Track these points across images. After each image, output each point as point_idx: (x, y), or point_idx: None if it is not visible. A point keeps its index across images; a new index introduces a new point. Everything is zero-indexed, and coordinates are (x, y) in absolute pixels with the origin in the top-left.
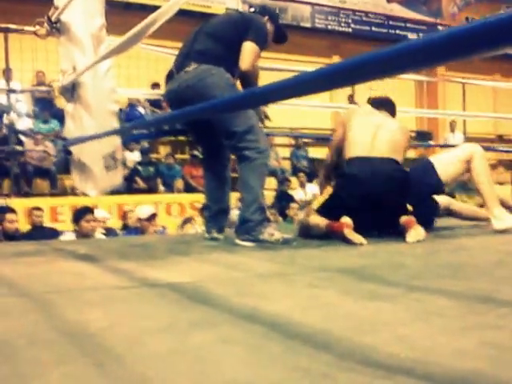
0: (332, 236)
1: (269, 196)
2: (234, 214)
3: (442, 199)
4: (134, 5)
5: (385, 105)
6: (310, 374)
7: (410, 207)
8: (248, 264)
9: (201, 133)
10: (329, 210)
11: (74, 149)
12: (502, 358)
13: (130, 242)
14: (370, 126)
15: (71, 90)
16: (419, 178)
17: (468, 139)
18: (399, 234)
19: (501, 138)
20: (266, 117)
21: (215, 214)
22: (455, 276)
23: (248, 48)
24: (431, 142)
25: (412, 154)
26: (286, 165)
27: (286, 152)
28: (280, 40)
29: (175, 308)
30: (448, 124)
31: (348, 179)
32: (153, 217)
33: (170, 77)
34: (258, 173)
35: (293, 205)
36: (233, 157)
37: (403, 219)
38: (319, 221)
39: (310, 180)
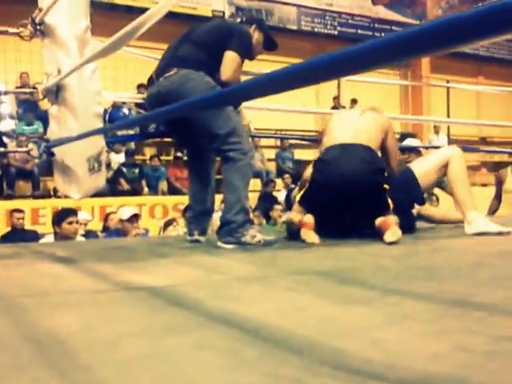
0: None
1: (253, 198)
2: (218, 216)
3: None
4: (120, 6)
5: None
6: (284, 380)
7: (390, 202)
8: (228, 266)
9: (184, 135)
10: (309, 200)
11: (57, 151)
12: (474, 362)
13: (110, 244)
14: (344, 119)
15: (55, 92)
16: (402, 190)
17: (452, 141)
18: (376, 233)
19: (484, 140)
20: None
21: (198, 216)
22: (433, 278)
23: (229, 57)
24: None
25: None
26: (272, 166)
27: (271, 153)
28: (270, 47)
29: (151, 312)
30: (432, 126)
31: (323, 164)
32: (135, 218)
33: (150, 82)
34: (241, 174)
35: (277, 206)
36: (218, 159)
37: (378, 221)
38: (295, 217)
39: (294, 182)
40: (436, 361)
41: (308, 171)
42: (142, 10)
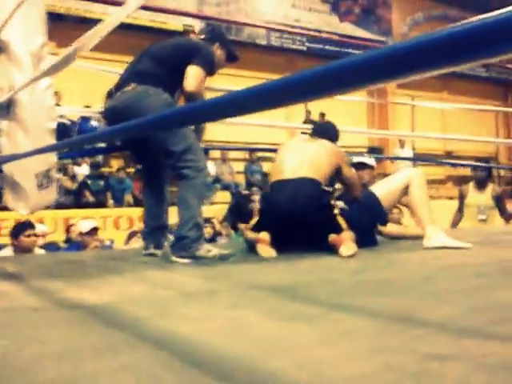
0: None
1: (222, 210)
2: None
3: None
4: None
5: (325, 132)
6: None
7: (343, 224)
8: (178, 281)
9: (140, 151)
10: (260, 228)
11: (6, 166)
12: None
13: (65, 258)
14: (291, 152)
15: (6, 108)
16: (366, 211)
17: (417, 155)
18: (332, 249)
19: (449, 155)
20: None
21: (153, 231)
22: (381, 293)
23: (192, 71)
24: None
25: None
26: (241, 179)
27: (240, 166)
28: (232, 60)
29: (81, 332)
30: (398, 140)
31: (267, 202)
32: (94, 230)
33: (109, 96)
34: (196, 191)
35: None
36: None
37: (331, 238)
38: (252, 236)
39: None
40: (364, 382)
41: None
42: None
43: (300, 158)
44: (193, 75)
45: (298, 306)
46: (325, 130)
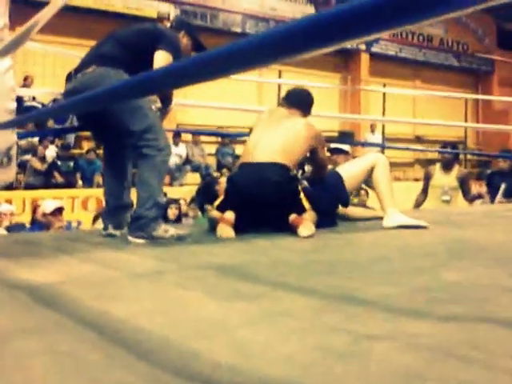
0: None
1: (191, 191)
2: None
3: None
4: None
5: (298, 102)
6: None
7: (306, 204)
8: (129, 262)
9: (100, 131)
10: (224, 208)
11: None
12: (324, 364)
13: (23, 238)
14: (266, 134)
15: None
16: (329, 191)
17: (387, 140)
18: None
19: (418, 139)
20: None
21: (113, 211)
22: (329, 272)
23: (160, 55)
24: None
25: None
26: (212, 161)
27: (211, 148)
28: (199, 50)
29: (14, 313)
30: (369, 125)
31: (233, 183)
32: (58, 211)
33: (69, 78)
34: (156, 170)
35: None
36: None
37: (291, 218)
38: (215, 214)
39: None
40: (287, 362)
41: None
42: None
43: (274, 141)
44: (161, 59)
45: (242, 286)
46: (299, 99)
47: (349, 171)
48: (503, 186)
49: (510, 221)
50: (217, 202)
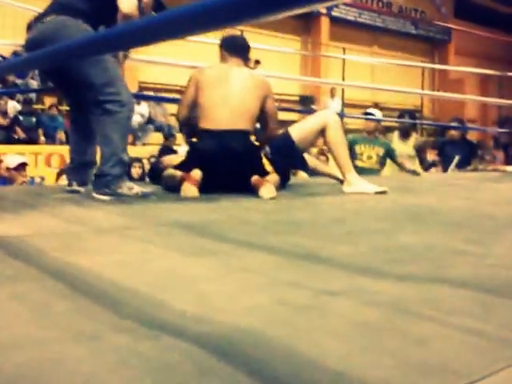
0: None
1: (154, 151)
2: None
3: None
4: None
5: (236, 50)
6: (80, 334)
7: (269, 168)
8: (94, 218)
9: (63, 85)
10: (186, 168)
11: None
12: (285, 317)
13: None
14: (219, 96)
15: None
16: (282, 153)
17: (346, 105)
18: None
19: (376, 106)
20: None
21: (78, 167)
22: (292, 232)
23: None
24: (314, 107)
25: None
26: (174, 121)
27: (174, 108)
28: (159, 10)
29: None
30: (329, 90)
31: (197, 153)
32: (22, 166)
33: (29, 27)
34: (119, 126)
35: None
36: None
37: (253, 179)
38: (175, 172)
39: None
40: (250, 315)
41: (171, 158)
42: None
43: (231, 104)
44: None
45: (206, 243)
46: (237, 46)
47: (300, 132)
48: (457, 158)
49: (461, 188)
50: (176, 161)
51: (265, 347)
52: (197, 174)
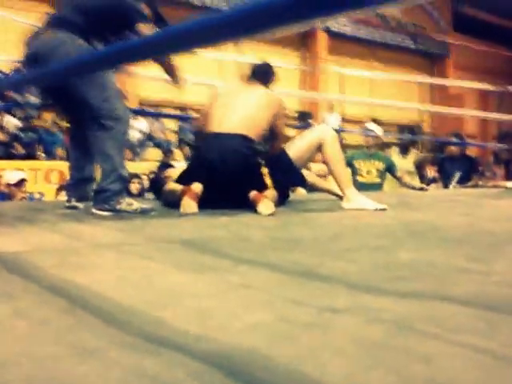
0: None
1: (153, 167)
2: None
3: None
4: None
5: (260, 74)
6: (83, 350)
7: (268, 181)
8: (93, 234)
9: (62, 101)
10: (187, 180)
11: None
12: (289, 334)
13: None
14: (227, 103)
15: None
16: (280, 170)
17: (345, 121)
18: (252, 207)
19: (375, 122)
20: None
21: (77, 183)
22: (291, 249)
23: (146, 29)
24: (312, 122)
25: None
26: (173, 137)
27: (173, 124)
28: (159, 25)
29: None
30: (327, 106)
31: (199, 154)
32: (21, 182)
33: (27, 43)
34: (115, 142)
35: None
36: None
37: (252, 195)
38: (176, 187)
39: None
40: (252, 332)
41: (173, 170)
42: None
43: (239, 112)
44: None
45: (206, 259)
46: (259, 71)
47: (296, 150)
48: (458, 174)
49: (461, 204)
50: (176, 174)
51: (268, 365)
52: (197, 187)
